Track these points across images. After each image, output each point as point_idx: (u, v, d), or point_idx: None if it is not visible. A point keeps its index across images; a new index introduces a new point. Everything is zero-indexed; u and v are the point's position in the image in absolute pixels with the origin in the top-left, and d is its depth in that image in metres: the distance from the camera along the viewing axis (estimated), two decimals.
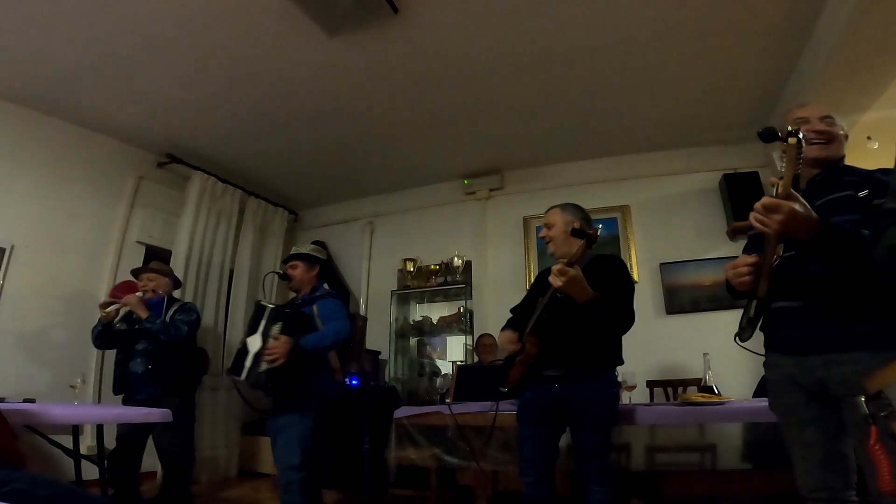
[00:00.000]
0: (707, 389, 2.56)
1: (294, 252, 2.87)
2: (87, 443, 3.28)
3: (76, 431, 2.55)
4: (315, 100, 3.72)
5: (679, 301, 4.18)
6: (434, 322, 4.93)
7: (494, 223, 4.93)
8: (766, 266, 1.33)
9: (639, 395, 3.14)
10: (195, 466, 3.60)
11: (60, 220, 3.78)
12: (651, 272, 4.31)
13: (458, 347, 4.80)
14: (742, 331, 1.41)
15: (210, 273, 4.50)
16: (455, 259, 4.73)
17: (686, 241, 4.27)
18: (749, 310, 1.40)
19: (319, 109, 3.85)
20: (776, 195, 1.23)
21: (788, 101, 3.49)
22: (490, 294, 4.68)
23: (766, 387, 1.52)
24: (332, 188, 5.37)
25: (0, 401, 2.38)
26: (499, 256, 4.82)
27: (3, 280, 3.41)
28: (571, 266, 1.77)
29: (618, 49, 3.19)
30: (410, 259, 4.99)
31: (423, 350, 4.93)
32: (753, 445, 2.71)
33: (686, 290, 4.17)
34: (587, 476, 1.91)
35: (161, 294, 3.22)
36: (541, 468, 1.99)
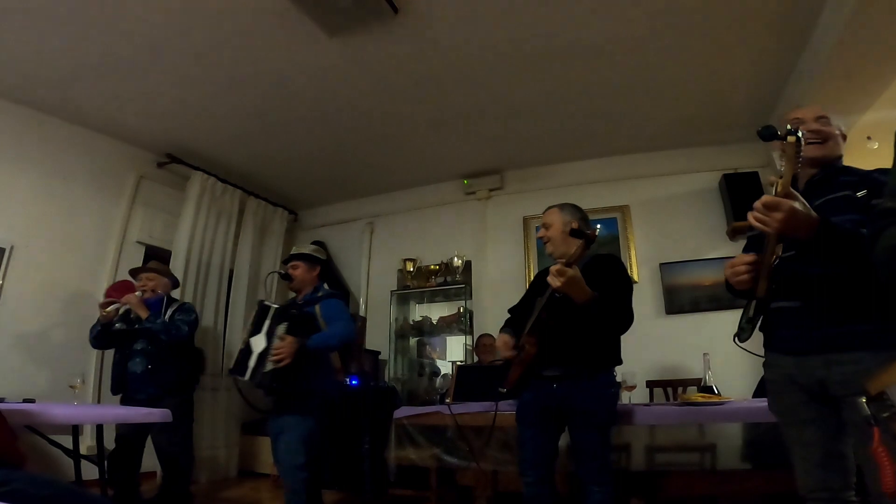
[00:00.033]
0: (707, 389, 2.56)
1: (295, 252, 2.87)
2: (87, 443, 3.28)
3: (76, 431, 2.55)
4: (315, 100, 3.72)
5: (679, 301, 4.18)
6: (434, 322, 4.93)
7: (494, 223, 4.93)
8: (766, 266, 1.32)
9: (639, 396, 3.15)
10: (194, 466, 3.60)
11: (60, 220, 3.78)
12: (651, 272, 4.31)
13: (458, 347, 4.80)
14: (741, 331, 1.41)
15: (210, 273, 4.50)
16: (455, 259, 4.73)
17: (686, 241, 4.27)
18: (748, 310, 1.40)
19: (319, 109, 3.85)
20: (776, 194, 1.23)
21: (788, 101, 3.49)
22: (490, 294, 4.68)
23: (766, 387, 1.52)
24: (332, 188, 5.37)
25: (0, 401, 2.38)
26: (499, 256, 4.82)
27: (3, 280, 3.41)
28: (570, 266, 1.77)
29: (618, 49, 3.19)
30: (410, 259, 4.99)
31: (423, 350, 4.93)
32: (753, 445, 2.71)
33: (686, 290, 4.17)
34: (586, 476, 1.91)
35: (160, 294, 3.22)
36: (541, 468, 1.99)
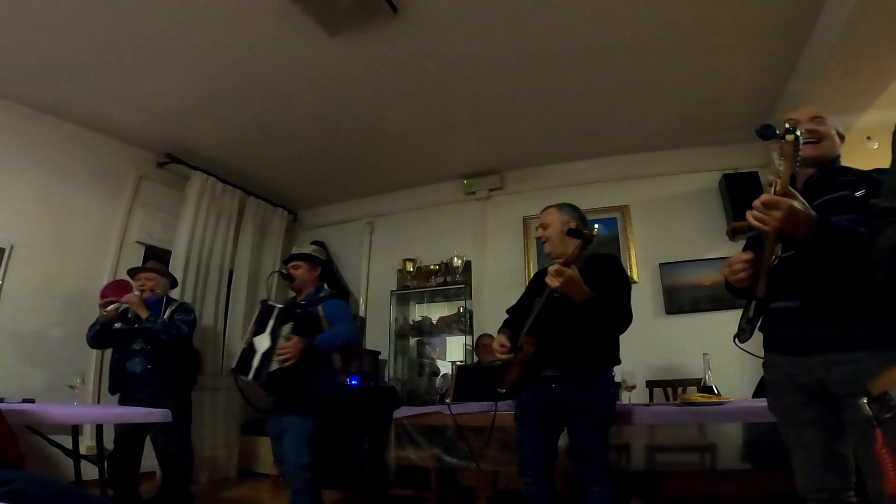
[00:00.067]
0: (707, 389, 2.56)
1: (296, 252, 2.87)
2: (87, 443, 3.28)
3: (76, 431, 2.55)
4: (315, 100, 3.72)
5: (679, 301, 4.18)
6: (434, 322, 4.93)
7: (494, 223, 4.93)
8: (765, 266, 1.32)
9: (639, 396, 3.15)
10: (194, 466, 3.60)
11: (60, 220, 3.78)
12: (651, 272, 4.31)
13: (458, 347, 4.80)
14: (741, 332, 1.40)
15: (209, 273, 4.50)
16: (455, 259, 4.73)
17: (686, 241, 4.27)
18: (748, 310, 1.40)
19: (319, 109, 3.85)
20: (775, 193, 1.23)
21: (788, 101, 3.50)
22: (490, 294, 4.68)
23: (766, 387, 1.52)
24: (332, 188, 5.37)
25: (0, 401, 2.38)
26: (498, 256, 4.82)
27: (3, 280, 3.41)
28: (568, 266, 1.77)
29: (618, 49, 3.19)
30: (410, 259, 4.99)
31: (423, 350, 4.93)
32: (753, 445, 2.71)
33: (686, 291, 4.17)
34: (585, 476, 1.91)
35: (159, 294, 3.22)
36: (540, 468, 1.99)
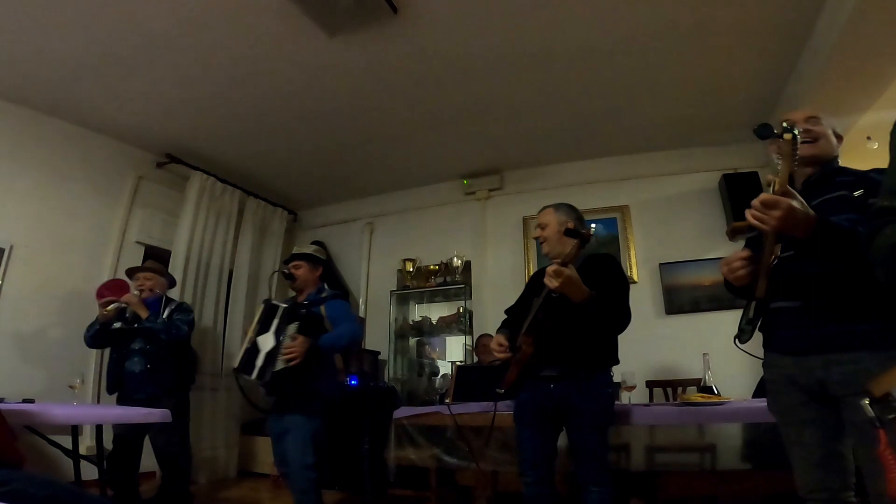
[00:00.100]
0: (707, 390, 2.56)
1: (297, 252, 2.87)
2: (87, 443, 3.28)
3: (75, 432, 2.55)
4: (314, 100, 3.72)
5: (679, 301, 4.18)
6: (433, 322, 4.93)
7: (494, 223, 4.93)
8: (765, 266, 1.32)
9: (638, 396, 3.15)
10: (193, 466, 3.60)
11: (60, 220, 3.78)
12: (651, 272, 4.31)
13: (458, 348, 4.80)
14: (742, 332, 1.40)
15: (209, 273, 4.50)
16: (454, 259, 4.73)
17: (686, 242, 4.27)
18: (748, 311, 1.39)
19: (319, 109, 3.85)
20: (773, 192, 1.23)
21: (788, 102, 3.50)
22: (489, 294, 4.67)
23: (765, 387, 1.52)
24: (332, 188, 5.37)
25: (0, 401, 2.39)
26: (498, 256, 4.82)
27: (3, 280, 3.41)
28: (565, 266, 1.78)
29: (618, 49, 3.18)
30: (410, 259, 4.99)
31: (423, 350, 4.93)
32: (753, 446, 2.72)
33: (686, 291, 4.17)
34: (585, 476, 1.91)
35: (158, 293, 3.22)
36: (540, 468, 1.99)
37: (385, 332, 4.86)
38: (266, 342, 2.49)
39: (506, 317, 2.31)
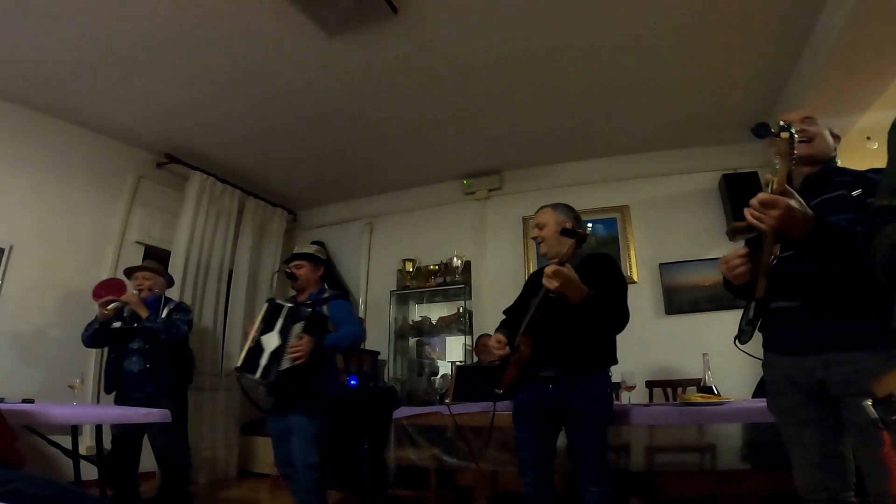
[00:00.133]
0: (706, 390, 2.56)
1: (299, 251, 2.87)
2: (86, 443, 3.28)
3: (75, 432, 2.55)
4: (314, 100, 3.72)
5: (678, 301, 4.17)
6: (433, 322, 4.92)
7: (494, 223, 4.93)
8: (764, 266, 1.32)
9: (638, 396, 3.14)
10: (192, 466, 3.59)
11: (60, 220, 3.78)
12: (650, 272, 4.31)
13: (458, 348, 4.80)
14: (742, 333, 1.40)
15: (209, 273, 4.50)
16: (454, 259, 4.73)
17: (686, 242, 4.27)
18: (748, 311, 1.39)
19: (318, 109, 3.85)
20: (772, 192, 1.23)
21: (788, 102, 3.49)
22: (489, 294, 4.67)
23: (765, 387, 1.52)
24: (331, 188, 5.36)
25: None
26: (498, 256, 4.82)
27: (2, 280, 3.40)
28: (563, 265, 1.78)
29: (618, 49, 3.18)
30: (409, 259, 4.99)
31: (423, 350, 4.93)
32: (753, 446, 2.71)
33: (685, 291, 4.17)
34: (584, 476, 1.91)
35: (157, 293, 3.22)
36: (540, 468, 1.99)
37: (385, 332, 4.86)
38: (270, 341, 2.48)
39: (504, 317, 2.31)
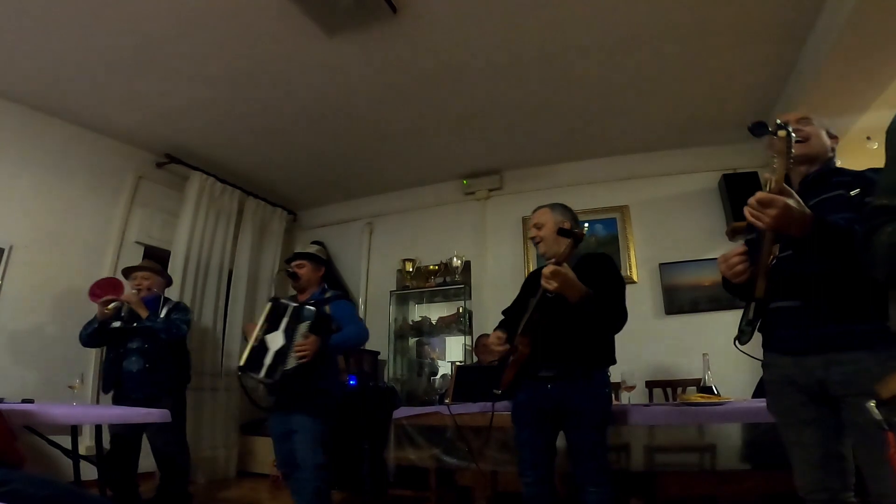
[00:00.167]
0: (706, 390, 2.57)
1: (300, 251, 2.87)
2: (86, 443, 3.28)
3: (75, 432, 2.55)
4: (314, 100, 3.71)
5: (678, 301, 4.17)
6: (433, 322, 4.92)
7: (494, 223, 4.93)
8: (763, 266, 1.32)
9: (638, 396, 3.15)
10: (191, 466, 3.59)
11: (60, 220, 3.78)
12: (650, 272, 4.31)
13: (458, 348, 4.79)
14: (742, 334, 1.40)
15: (209, 273, 4.50)
16: (454, 259, 4.73)
17: (685, 242, 4.26)
18: (748, 312, 1.39)
19: (318, 109, 3.84)
20: (770, 191, 1.23)
21: (788, 102, 3.49)
22: (489, 294, 4.67)
23: (765, 388, 1.52)
24: (331, 188, 5.36)
25: None
26: (498, 257, 4.81)
27: (2, 280, 3.40)
28: (561, 265, 1.78)
29: (618, 49, 3.18)
30: (409, 259, 4.99)
31: (423, 350, 4.93)
32: (753, 446, 2.71)
33: (685, 291, 4.17)
34: (583, 477, 1.91)
35: (155, 293, 3.22)
36: (540, 468, 1.98)
37: (385, 333, 4.85)
38: (275, 340, 2.46)
39: (503, 318, 2.31)
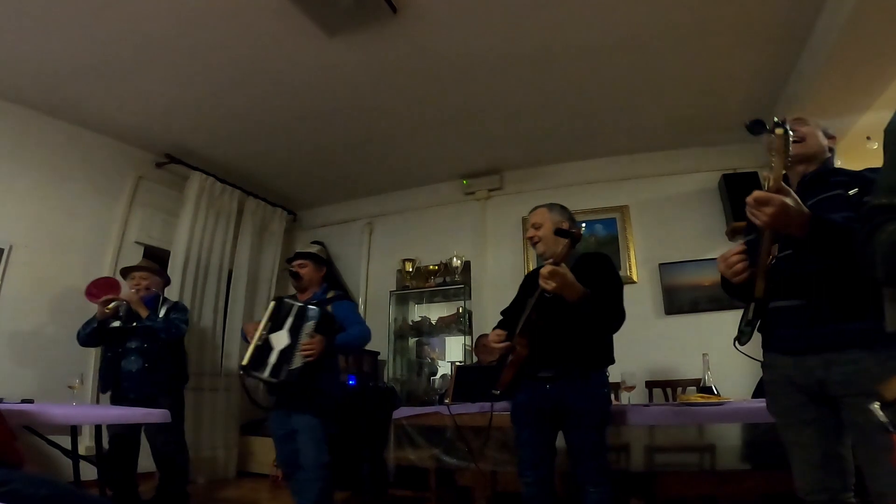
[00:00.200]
0: (706, 390, 2.56)
1: (302, 251, 2.87)
2: (85, 443, 3.27)
3: (74, 432, 2.55)
4: (314, 100, 3.71)
5: (678, 301, 4.17)
6: (433, 322, 4.92)
7: (493, 223, 4.93)
8: (762, 266, 1.32)
9: (638, 396, 3.15)
10: (191, 466, 3.59)
11: (59, 220, 3.78)
12: (650, 272, 4.30)
13: (457, 348, 4.80)
14: (741, 334, 1.40)
15: (209, 273, 4.50)
16: (454, 259, 4.73)
17: (685, 242, 4.26)
18: (748, 312, 1.39)
19: (318, 109, 3.84)
20: (768, 189, 1.24)
21: (788, 102, 3.49)
22: (489, 294, 4.66)
23: (764, 388, 1.52)
24: (331, 188, 5.36)
25: None
26: (498, 257, 4.81)
27: (2, 280, 3.40)
28: (558, 265, 1.78)
29: (618, 49, 3.18)
30: (409, 259, 4.99)
31: (422, 350, 4.93)
32: (753, 446, 2.71)
33: (685, 291, 4.16)
34: (583, 477, 1.91)
35: (154, 292, 3.22)
36: (540, 468, 1.98)
37: (384, 333, 4.85)
38: (280, 340, 2.45)
39: (501, 318, 2.31)
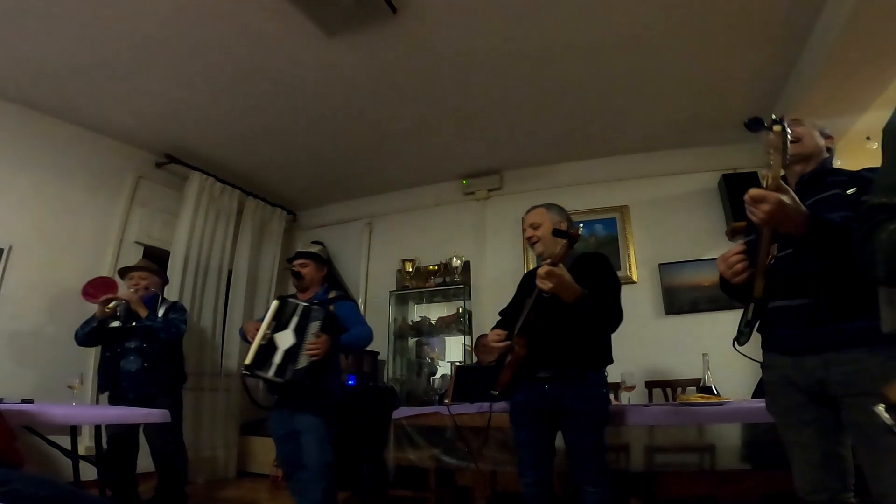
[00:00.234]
0: (706, 390, 2.56)
1: (303, 250, 2.87)
2: (85, 443, 3.27)
3: (74, 432, 2.55)
4: (314, 100, 3.71)
5: (678, 302, 4.17)
6: (433, 322, 4.92)
7: (493, 223, 4.93)
8: (761, 266, 1.32)
9: (638, 396, 3.14)
10: (190, 466, 3.59)
11: (59, 220, 3.78)
12: (650, 272, 4.30)
13: (457, 348, 4.79)
14: (741, 335, 1.40)
15: (208, 273, 4.50)
16: (454, 259, 4.72)
17: (685, 242, 4.26)
18: (747, 313, 1.39)
19: (318, 109, 3.84)
20: (766, 187, 1.24)
21: (788, 102, 3.50)
22: (489, 294, 4.66)
23: (764, 388, 1.52)
24: (331, 188, 5.36)
25: None
26: (498, 257, 4.81)
27: (2, 280, 3.40)
28: (556, 266, 1.78)
29: (618, 49, 3.18)
30: (409, 259, 4.98)
31: (422, 351, 4.93)
32: (752, 446, 2.71)
33: (685, 291, 4.16)
34: (581, 477, 1.91)
35: (153, 292, 3.22)
36: (539, 468, 1.98)
37: (384, 333, 4.85)
38: (285, 339, 2.44)
39: (500, 318, 2.31)
